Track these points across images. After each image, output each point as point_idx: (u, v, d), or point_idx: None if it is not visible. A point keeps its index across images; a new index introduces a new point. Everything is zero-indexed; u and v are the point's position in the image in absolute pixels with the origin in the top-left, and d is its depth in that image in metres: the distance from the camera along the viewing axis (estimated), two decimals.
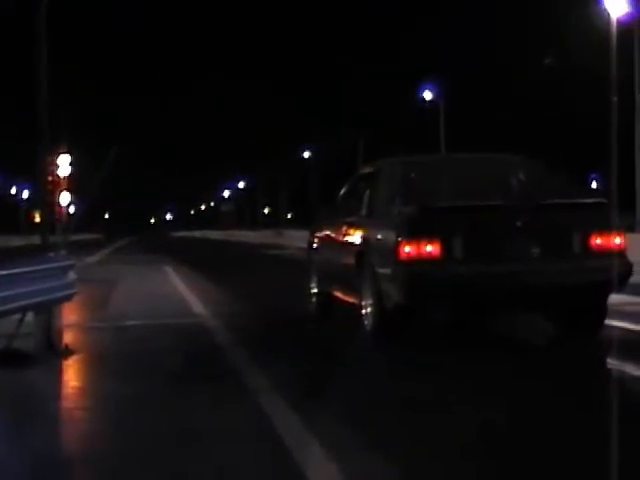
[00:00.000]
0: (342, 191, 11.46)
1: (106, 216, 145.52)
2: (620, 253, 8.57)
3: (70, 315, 10.46)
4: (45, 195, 10.57)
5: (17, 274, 7.99)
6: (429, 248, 8.31)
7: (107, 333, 10.34)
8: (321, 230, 11.68)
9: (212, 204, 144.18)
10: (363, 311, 9.20)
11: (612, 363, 7.86)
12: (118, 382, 7.28)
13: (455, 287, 8.38)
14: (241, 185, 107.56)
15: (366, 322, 9.14)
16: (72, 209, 30.99)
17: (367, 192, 10.03)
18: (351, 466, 4.73)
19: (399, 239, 8.42)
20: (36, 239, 10.61)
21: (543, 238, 8.53)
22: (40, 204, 11.20)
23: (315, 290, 11.62)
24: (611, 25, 29.74)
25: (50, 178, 16.97)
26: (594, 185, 73.18)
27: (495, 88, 53.84)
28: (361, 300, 9.30)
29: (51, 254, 9.44)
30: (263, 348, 9.04)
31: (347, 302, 10.11)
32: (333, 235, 10.89)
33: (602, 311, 8.89)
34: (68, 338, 9.12)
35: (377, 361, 8.30)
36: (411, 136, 54.83)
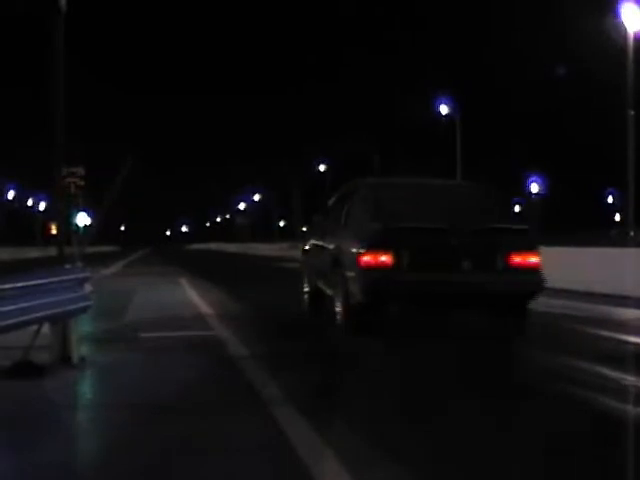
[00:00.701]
0: (330, 203, 13.51)
1: (122, 228, 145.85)
2: (535, 270, 10.39)
3: (86, 327, 10.48)
4: (61, 207, 10.58)
5: (33, 286, 8.01)
6: (383, 258, 10.23)
7: (122, 345, 10.34)
8: (313, 235, 13.97)
9: (227, 216, 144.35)
10: (337, 308, 11.26)
11: (630, 379, 7.84)
12: (133, 394, 7.30)
13: (403, 290, 10.25)
14: (256, 197, 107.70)
15: (337, 317, 11.20)
16: (88, 221, 31.06)
17: (346, 207, 12.09)
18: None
19: (361, 250, 10.40)
20: (52, 251, 10.60)
21: (473, 255, 10.29)
22: (56, 216, 11.22)
23: (307, 289, 14.00)
24: (628, 39, 29.70)
25: (67, 189, 17.03)
26: (610, 199, 72.77)
27: (508, 100, 53.78)
28: (334, 298, 11.46)
29: (67, 266, 9.45)
30: (274, 359, 9.04)
31: (325, 298, 12.52)
32: (320, 240, 13.15)
33: (523, 314, 10.61)
34: (84, 350, 9.14)
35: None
36: (424, 144, 54.95)
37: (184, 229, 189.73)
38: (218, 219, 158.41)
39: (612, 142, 38.21)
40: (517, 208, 70.73)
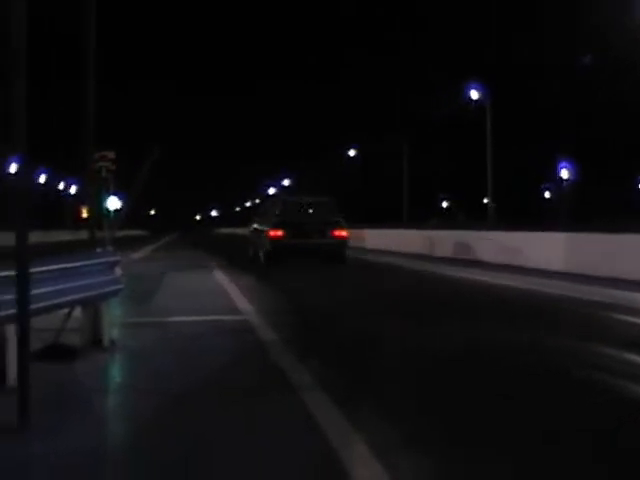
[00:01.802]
0: (263, 206, 31.23)
1: (152, 212, 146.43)
2: (344, 238, 23.91)
3: (116, 310, 10.55)
4: (92, 190, 10.63)
5: (65, 269, 8.07)
6: (279, 233, 23.44)
7: (152, 328, 10.41)
8: (254, 223, 27.50)
9: (257, 201, 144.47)
10: (260, 256, 24.57)
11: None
12: (163, 377, 7.35)
13: (287, 247, 23.24)
14: (286, 183, 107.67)
15: (261, 260, 24.30)
16: (119, 205, 31.28)
17: (267, 209, 26.87)
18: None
19: (269, 229, 23.88)
20: (83, 234, 10.70)
21: (318, 231, 23.47)
22: (87, 199, 11.29)
23: (251, 252, 27.05)
24: None
25: (98, 173, 17.12)
26: None
27: (537, 87, 53.23)
28: (259, 250, 24.98)
29: (98, 250, 9.51)
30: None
31: (257, 253, 25.46)
32: (256, 227, 26.68)
33: (343, 257, 23.92)
34: (114, 333, 9.20)
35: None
36: (455, 132, 54.71)
37: (214, 213, 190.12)
38: (247, 204, 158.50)
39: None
40: (547, 194, 70.24)
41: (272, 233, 23.53)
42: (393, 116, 64.96)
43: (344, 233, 23.78)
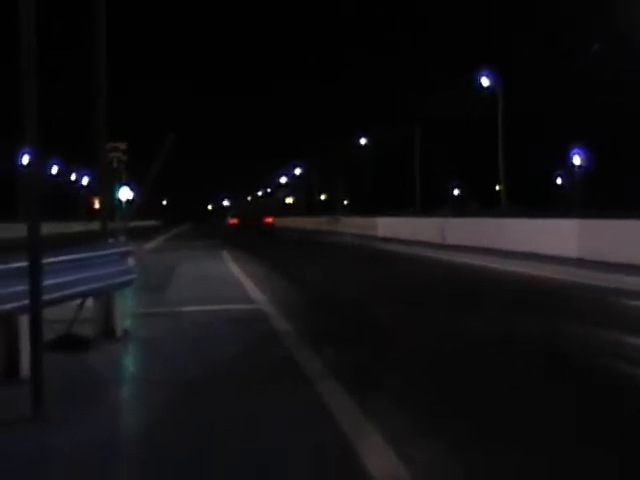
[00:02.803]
0: (237, 204, 78.38)
1: (164, 203, 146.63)
2: (271, 223, 54.69)
3: (129, 300, 10.55)
4: (104, 181, 10.63)
5: (77, 260, 8.07)
6: (234, 220, 55.81)
7: (165, 318, 10.42)
8: (228, 215, 64.00)
9: (269, 190, 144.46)
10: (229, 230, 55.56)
11: None
12: (176, 368, 7.34)
13: (240, 227, 53.03)
14: (297, 172, 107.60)
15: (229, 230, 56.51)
16: (131, 196, 31.41)
17: (233, 206, 77.08)
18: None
19: (230, 217, 58.37)
20: (95, 225, 10.73)
21: (257, 218, 53.98)
22: (100, 190, 11.31)
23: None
24: None
25: (110, 164, 17.19)
26: None
27: (539, 84, 53.08)
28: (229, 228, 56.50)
29: (110, 240, 9.51)
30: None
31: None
32: (228, 217, 61.36)
33: (272, 232, 50.99)
34: (127, 323, 9.20)
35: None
36: (462, 124, 54.76)
37: (226, 203, 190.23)
38: (259, 193, 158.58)
39: None
40: (559, 180, 70.04)
41: (231, 221, 55.25)
42: (393, 115, 65.14)
43: (270, 220, 53.77)
